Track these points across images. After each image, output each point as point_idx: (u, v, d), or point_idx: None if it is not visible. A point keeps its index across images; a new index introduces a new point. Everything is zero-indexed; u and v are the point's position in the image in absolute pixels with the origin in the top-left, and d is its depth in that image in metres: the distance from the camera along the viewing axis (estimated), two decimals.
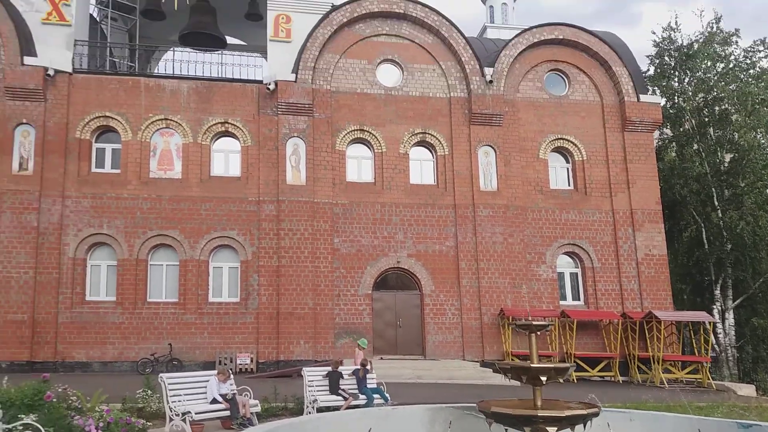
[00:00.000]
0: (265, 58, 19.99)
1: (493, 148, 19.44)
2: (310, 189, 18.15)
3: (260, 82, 18.95)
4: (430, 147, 19.60)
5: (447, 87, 19.75)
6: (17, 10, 17.99)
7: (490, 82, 19.59)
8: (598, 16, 71.25)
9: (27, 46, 17.66)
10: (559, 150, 20.37)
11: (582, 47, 20.70)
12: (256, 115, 18.63)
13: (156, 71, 24.10)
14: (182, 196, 17.88)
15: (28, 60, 17.51)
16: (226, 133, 18.69)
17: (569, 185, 20.32)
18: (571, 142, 20.19)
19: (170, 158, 18.31)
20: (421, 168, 19.44)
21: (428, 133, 19.38)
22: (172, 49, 21.62)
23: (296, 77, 18.56)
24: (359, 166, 19.17)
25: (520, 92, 20.26)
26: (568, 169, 20.50)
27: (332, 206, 18.31)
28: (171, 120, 18.37)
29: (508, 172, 19.43)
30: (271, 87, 18.56)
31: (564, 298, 19.45)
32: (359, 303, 18.04)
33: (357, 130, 19.01)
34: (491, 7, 26.12)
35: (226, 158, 18.69)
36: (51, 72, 17.72)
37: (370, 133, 19.05)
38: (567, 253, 19.65)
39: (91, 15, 21.13)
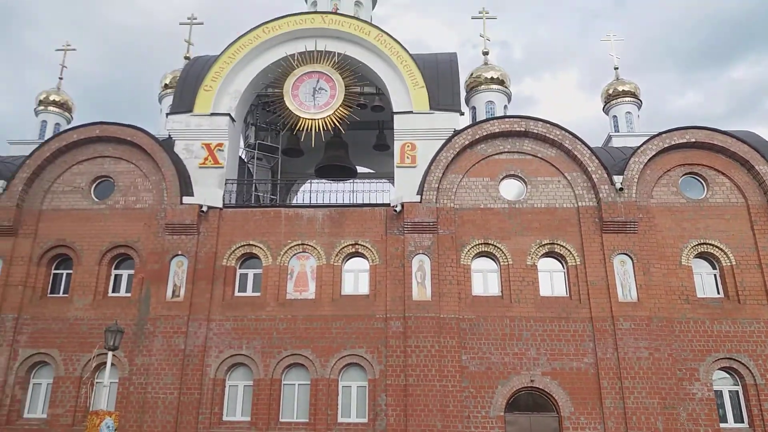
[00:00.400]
0: (392, 182, 20.96)
1: (629, 256, 18.41)
2: (435, 304, 18.06)
3: (387, 205, 19.78)
4: (559, 258, 18.97)
5: (574, 197, 19.38)
6: (179, 158, 20.61)
7: (621, 189, 18.95)
8: (729, 116, 67.97)
9: (186, 188, 19.95)
10: (703, 255, 18.85)
11: (718, 148, 19.62)
12: (384, 236, 19.30)
13: (295, 201, 26.14)
14: (315, 315, 18.52)
15: (186, 199, 19.70)
16: (356, 254, 19.45)
17: (719, 293, 18.55)
18: (717, 247, 18.66)
19: (305, 280, 19.26)
20: (552, 280, 18.73)
21: (557, 244, 18.85)
22: (309, 181, 23.46)
23: (421, 198, 19.19)
24: (485, 279, 18.89)
25: (654, 198, 19.34)
26: (715, 275, 18.80)
27: (459, 321, 17.97)
28: (307, 245, 19.52)
29: (649, 281, 18.14)
30: (398, 209, 19.28)
31: (724, 420, 17.13)
32: (491, 426, 16.98)
33: (481, 243, 18.96)
34: (615, 116, 25.88)
35: (356, 277, 19.30)
36: (204, 208, 19.76)
37: (495, 246, 18.91)
38: (723, 369, 17.50)
39: (240, 157, 23.68)
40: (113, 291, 19.65)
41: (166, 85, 27.82)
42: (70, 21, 73.28)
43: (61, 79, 28.07)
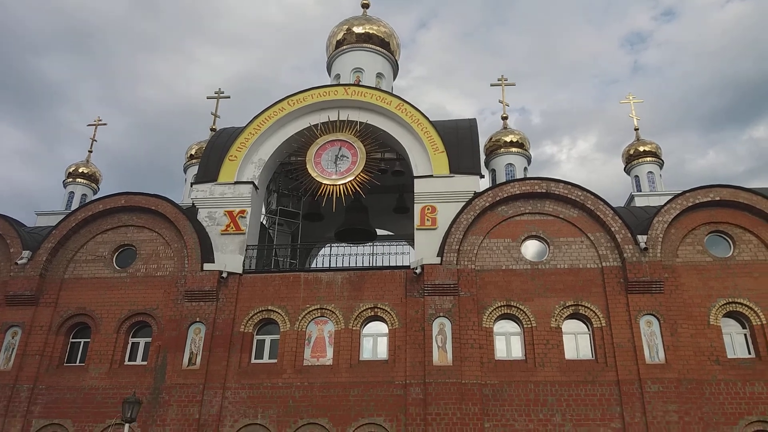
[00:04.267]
0: (412, 245, 20.74)
1: (655, 316, 17.62)
2: (457, 369, 17.34)
3: (407, 267, 19.44)
4: (584, 319, 18.25)
5: (598, 257, 18.85)
6: (202, 226, 20.74)
7: (645, 249, 18.39)
8: (751, 175, 66.79)
9: (207, 255, 19.89)
10: (732, 315, 17.98)
11: (743, 206, 19.05)
12: (404, 299, 18.88)
13: (314, 265, 25.97)
14: (332, 382, 17.90)
15: (207, 266, 19.60)
16: (375, 317, 18.97)
17: (750, 353, 17.57)
18: (746, 306, 17.82)
19: (323, 345, 18.79)
20: (576, 342, 17.96)
21: (581, 305, 18.19)
22: (329, 245, 23.32)
23: (441, 260, 18.84)
24: (508, 343, 18.19)
25: (680, 257, 18.71)
26: (745, 335, 17.86)
27: (481, 387, 17.17)
28: (326, 309, 19.14)
29: (676, 342, 17.26)
30: (418, 271, 18.93)
31: None
32: None
33: (503, 305, 18.38)
34: (636, 176, 25.57)
35: (375, 342, 18.75)
36: (225, 274, 19.63)
37: (518, 308, 18.31)
38: None
39: (261, 223, 23.79)
40: (130, 359, 19.36)
41: (191, 155, 28.49)
42: (102, 97, 76.77)
43: (90, 152, 29.00)
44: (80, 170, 28.13)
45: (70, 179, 28.03)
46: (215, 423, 17.58)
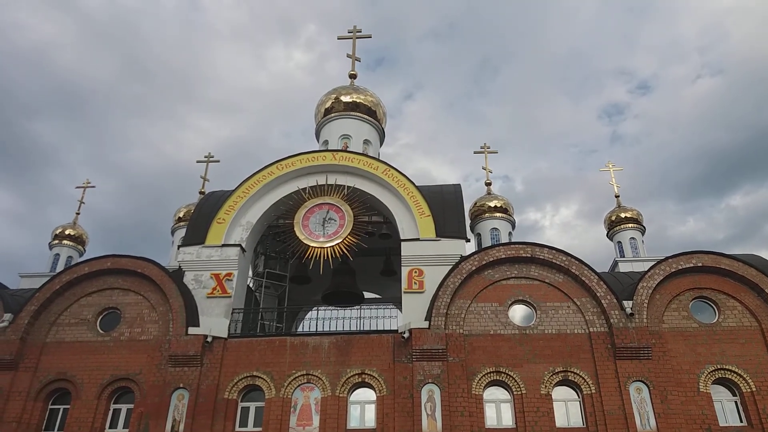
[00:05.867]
0: (400, 308, 20.30)
1: (645, 383, 17.21)
2: None
3: (395, 331, 18.96)
4: (574, 386, 17.76)
5: (585, 322, 18.54)
6: (188, 289, 20.17)
7: (631, 314, 18.17)
8: (731, 241, 68.07)
9: (192, 319, 19.28)
10: (721, 381, 17.66)
11: (725, 272, 19.08)
12: (392, 364, 18.29)
13: (301, 329, 25.25)
14: None
15: (191, 330, 18.93)
16: (363, 384, 18.30)
17: (741, 421, 17.15)
18: (735, 372, 17.55)
19: (309, 413, 17.98)
20: (567, 409, 17.40)
21: (570, 371, 17.74)
22: (315, 308, 22.79)
23: (429, 324, 18.41)
24: (498, 410, 17.55)
25: (666, 322, 18.49)
26: (736, 402, 17.49)
27: None
28: (312, 375, 18.47)
29: (667, 410, 16.78)
30: (406, 335, 18.43)
31: None
32: None
33: (493, 372, 17.86)
34: (619, 242, 25.59)
35: (362, 409, 18.00)
36: (209, 339, 18.95)
37: (507, 374, 17.79)
38: None
39: (248, 286, 23.21)
40: (111, 426, 18.37)
41: (179, 218, 28.09)
42: (91, 160, 76.50)
43: (78, 214, 28.46)
44: (67, 232, 27.53)
45: (56, 241, 27.38)
46: None
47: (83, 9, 72.06)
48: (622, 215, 26.42)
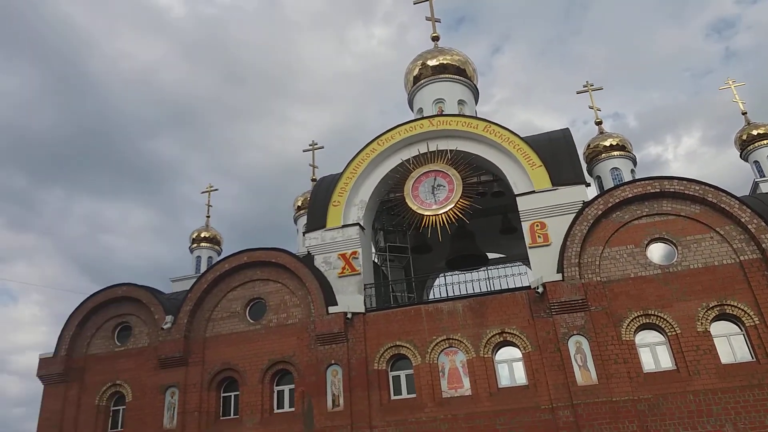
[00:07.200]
0: (528, 265, 19.65)
1: None
2: (604, 387, 15.96)
3: (528, 287, 18.36)
4: (734, 319, 16.44)
5: (733, 251, 17.01)
6: (320, 271, 20.58)
7: None
8: None
9: (330, 298, 19.69)
10: None
11: None
12: (531, 320, 17.74)
13: (432, 297, 25.17)
14: (475, 412, 16.96)
15: (331, 309, 19.34)
16: (505, 343, 17.94)
17: None
18: None
19: (458, 376, 17.89)
20: (731, 345, 16.16)
21: (727, 305, 16.41)
22: (442, 275, 22.54)
23: (563, 276, 17.64)
24: (653, 353, 16.60)
25: None
26: None
27: (635, 403, 15.67)
28: (453, 339, 18.31)
29: None
30: (540, 290, 17.79)
31: None
32: None
33: (641, 315, 16.88)
34: (756, 162, 23.23)
35: (510, 368, 17.68)
36: (349, 315, 19.27)
37: (657, 316, 16.75)
38: None
39: (374, 261, 23.35)
40: (278, 407, 19.28)
41: (298, 206, 28.74)
42: (210, 167, 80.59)
43: (208, 217, 29.82)
44: (202, 235, 28.95)
45: (195, 244, 28.88)
46: None
47: (175, 28, 75.26)
48: (754, 132, 23.94)
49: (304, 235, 22.59)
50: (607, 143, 24.87)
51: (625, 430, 15.32)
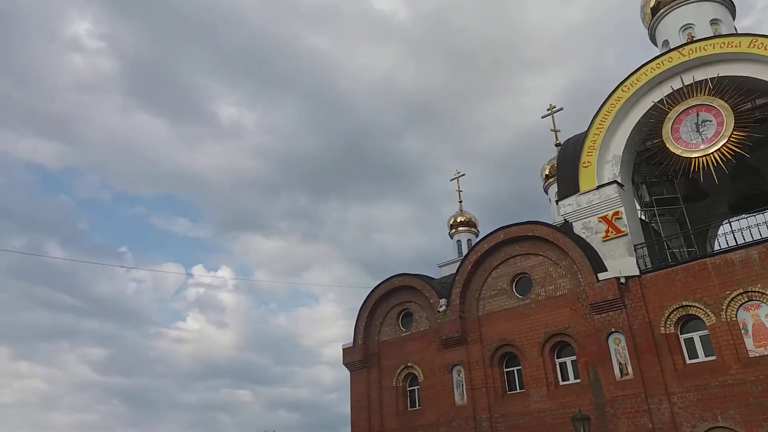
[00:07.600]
0: None
1: None
2: None
3: None
4: None
5: None
6: (581, 238, 19.75)
7: None
8: None
9: (597, 265, 18.79)
10: None
11: None
12: None
13: (717, 248, 22.29)
14: None
15: (601, 276, 18.44)
16: None
17: None
18: None
19: (765, 332, 15.56)
20: None
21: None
22: (726, 221, 19.85)
23: None
24: None
25: None
26: None
27: None
28: (752, 291, 16.01)
29: None
30: None
31: None
32: None
33: None
34: None
35: None
36: (623, 280, 18.13)
37: None
38: None
39: (640, 219, 21.58)
40: (563, 380, 19.14)
41: (546, 175, 28.09)
42: (454, 153, 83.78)
43: (460, 202, 30.91)
44: (458, 219, 30.17)
45: (453, 230, 30.24)
46: (671, 430, 15.86)
47: (402, 30, 79.65)
48: None
49: (557, 204, 21.93)
50: None
51: None
